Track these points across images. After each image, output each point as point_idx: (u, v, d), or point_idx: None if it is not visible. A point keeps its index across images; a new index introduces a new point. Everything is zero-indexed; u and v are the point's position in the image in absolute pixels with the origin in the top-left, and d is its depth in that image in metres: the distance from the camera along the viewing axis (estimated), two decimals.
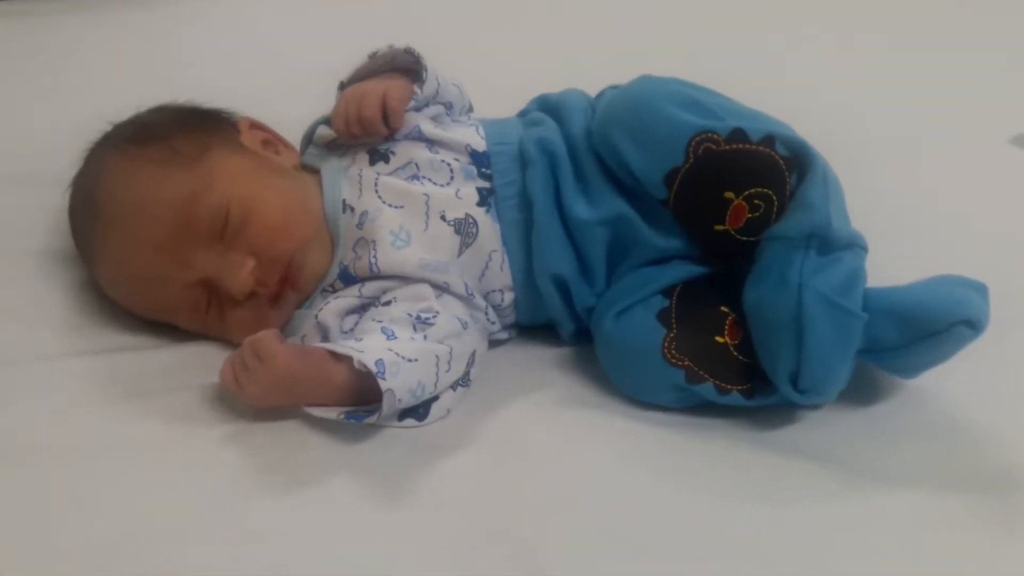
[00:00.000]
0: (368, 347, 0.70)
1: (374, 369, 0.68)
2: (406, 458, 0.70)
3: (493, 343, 0.82)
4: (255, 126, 0.84)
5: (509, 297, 0.81)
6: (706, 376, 0.74)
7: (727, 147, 0.72)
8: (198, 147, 0.77)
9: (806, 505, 0.69)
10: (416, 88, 0.80)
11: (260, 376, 0.69)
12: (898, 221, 0.92)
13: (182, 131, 0.79)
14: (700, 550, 0.65)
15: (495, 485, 0.69)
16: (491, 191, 0.80)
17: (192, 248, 0.75)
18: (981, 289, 0.74)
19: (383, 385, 0.68)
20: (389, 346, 0.71)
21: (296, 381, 0.70)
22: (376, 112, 0.79)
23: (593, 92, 0.87)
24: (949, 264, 0.76)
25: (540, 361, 0.82)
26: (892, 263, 0.79)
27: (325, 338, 0.77)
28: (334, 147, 0.84)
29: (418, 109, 0.82)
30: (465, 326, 0.77)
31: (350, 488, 0.68)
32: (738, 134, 0.73)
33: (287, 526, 0.65)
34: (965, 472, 0.71)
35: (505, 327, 0.82)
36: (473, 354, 0.77)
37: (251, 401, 0.70)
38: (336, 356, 0.70)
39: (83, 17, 1.19)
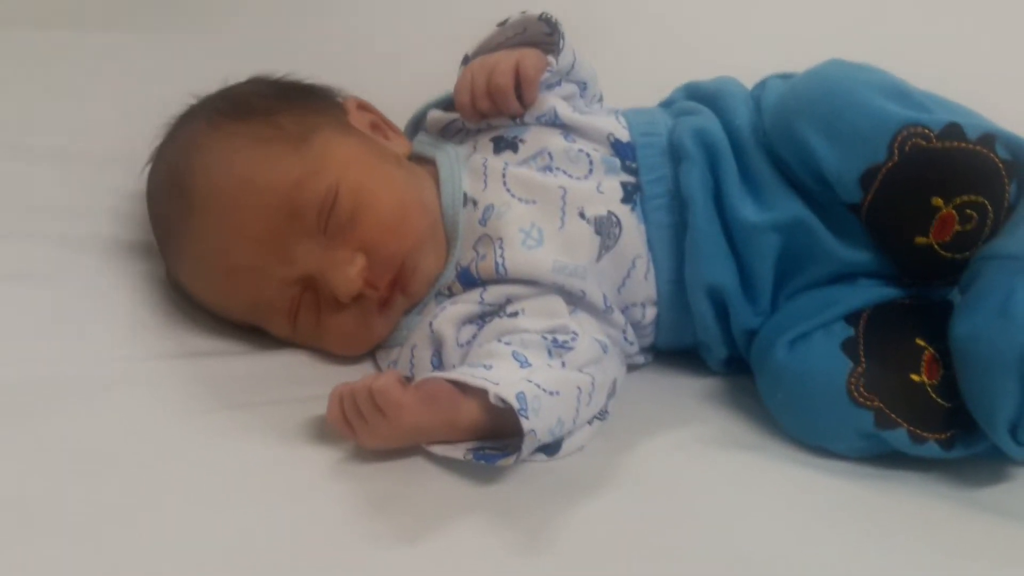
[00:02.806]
0: (503, 378, 0.59)
1: (516, 405, 0.57)
2: (541, 497, 0.59)
3: (628, 368, 0.71)
4: (363, 107, 0.74)
5: (651, 313, 0.69)
6: (899, 421, 0.62)
7: (939, 145, 0.61)
8: (304, 126, 0.67)
9: (1014, 573, 0.57)
10: (551, 59, 0.69)
11: (381, 430, 0.58)
12: None
13: (286, 107, 0.68)
14: None
15: (642, 532, 0.58)
16: (637, 187, 0.69)
17: (294, 240, 0.64)
18: None
19: (526, 425, 0.57)
20: (526, 375, 0.60)
21: (421, 431, 0.59)
22: (509, 80, 0.68)
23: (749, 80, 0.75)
24: None
25: (685, 391, 0.71)
26: None
27: (438, 350, 0.66)
28: (449, 134, 0.73)
29: (551, 86, 0.71)
30: (605, 349, 0.66)
31: (478, 530, 0.56)
32: (953, 130, 0.62)
33: (402, 571, 0.53)
34: None
35: (642, 350, 0.71)
36: (614, 383, 0.66)
37: (364, 447, 0.59)
38: (466, 388, 0.59)
39: None
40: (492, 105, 0.69)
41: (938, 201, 0.62)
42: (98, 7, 0.98)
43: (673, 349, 0.72)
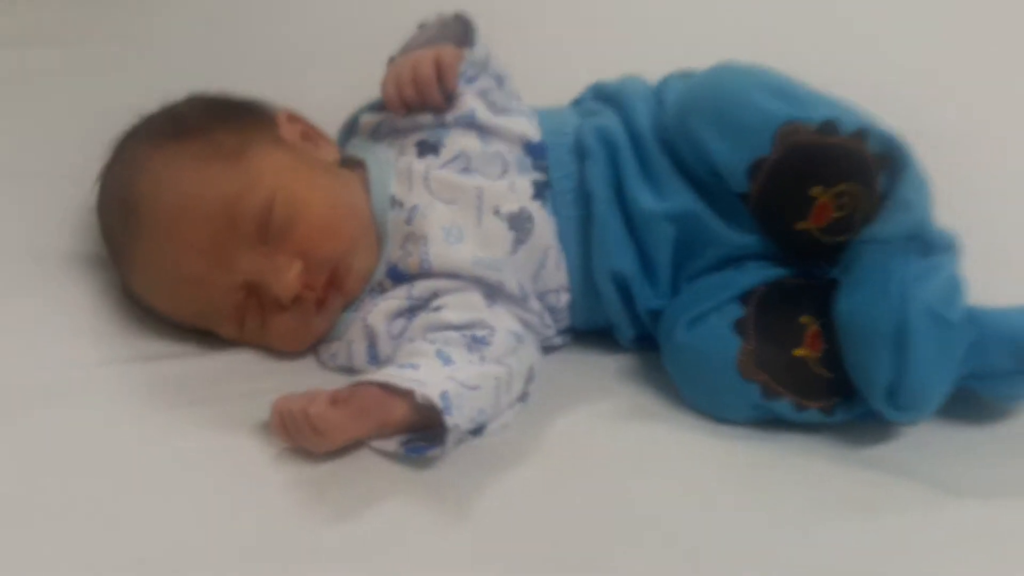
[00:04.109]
0: (428, 378, 0.66)
1: (439, 404, 0.64)
2: (468, 474, 0.66)
3: (548, 349, 0.78)
4: (293, 118, 0.80)
5: (565, 298, 0.76)
6: (784, 392, 0.70)
7: (816, 139, 0.68)
8: (239, 141, 0.73)
9: (887, 521, 0.65)
10: (465, 51, 0.76)
11: (318, 447, 0.65)
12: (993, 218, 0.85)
13: (221, 124, 0.74)
14: (782, 573, 0.61)
15: (562, 503, 0.65)
16: (547, 184, 0.76)
17: (236, 250, 0.71)
18: None
19: (449, 421, 0.64)
20: (449, 373, 0.67)
21: (356, 438, 0.66)
22: (431, 70, 0.75)
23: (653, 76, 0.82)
24: None
25: (599, 369, 0.78)
26: (986, 267, 0.73)
27: (373, 343, 0.73)
28: (379, 136, 0.80)
29: (470, 80, 0.78)
30: (520, 340, 0.73)
31: (411, 507, 0.63)
32: (829, 125, 0.69)
33: (343, 546, 0.60)
34: None
35: (560, 331, 0.78)
36: (531, 369, 0.73)
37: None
38: (394, 389, 0.66)
39: None
40: (417, 95, 0.76)
41: (816, 190, 0.69)
42: (33, 24, 1.04)
43: (588, 329, 0.79)
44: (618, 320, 0.76)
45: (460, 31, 0.79)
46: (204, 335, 0.75)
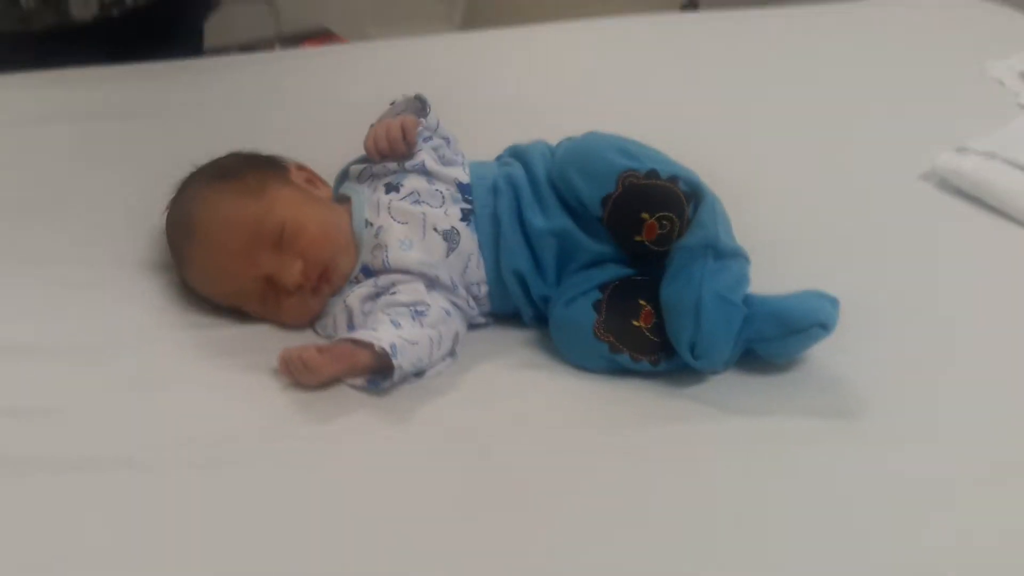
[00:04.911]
0: (382, 335, 0.98)
1: (388, 351, 0.96)
2: (409, 398, 0.98)
3: (474, 327, 1.09)
4: (301, 168, 1.14)
5: (484, 289, 1.08)
6: (624, 349, 1.01)
7: (644, 182, 1.01)
8: (262, 182, 1.07)
9: (691, 427, 0.96)
10: (421, 120, 1.10)
11: (310, 381, 0.97)
12: (780, 241, 1.18)
13: (250, 170, 1.08)
14: (606, 451, 0.93)
15: (470, 412, 0.97)
16: (471, 211, 1.08)
17: (258, 253, 1.03)
18: (835, 301, 1.00)
19: (395, 363, 0.96)
20: (398, 333, 0.98)
21: (335, 376, 0.98)
22: (398, 131, 1.08)
23: (554, 141, 1.16)
24: (815, 278, 1.03)
25: (509, 339, 1.06)
26: (775, 274, 1.06)
27: (350, 318, 1.04)
28: (363, 179, 1.12)
29: (427, 139, 1.11)
30: (449, 314, 1.04)
31: (369, 417, 0.96)
32: (652, 173, 1.00)
33: (324, 434, 0.93)
34: (802, 409, 0.99)
35: (482, 314, 1.09)
36: (456, 335, 1.04)
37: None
38: (360, 343, 0.98)
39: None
40: (388, 148, 1.08)
41: (645, 215, 0.99)
42: (118, 103, 1.41)
43: (503, 313, 1.09)
44: (521, 305, 1.08)
45: (419, 107, 1.13)
46: (236, 312, 1.06)
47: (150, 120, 1.38)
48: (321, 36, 2.55)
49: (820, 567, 0.84)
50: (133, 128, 1.37)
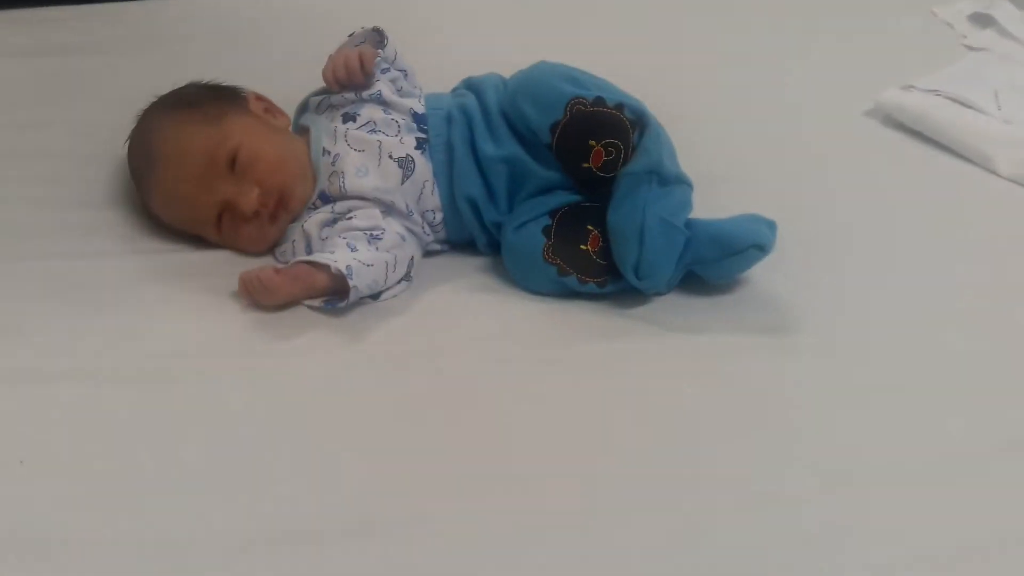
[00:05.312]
0: (339, 258, 1.02)
1: (345, 272, 1.00)
2: (368, 319, 1.03)
3: (431, 253, 1.13)
4: (259, 98, 1.16)
5: (439, 216, 1.11)
6: (571, 271, 1.05)
7: (592, 109, 1.04)
8: (219, 111, 1.09)
9: (629, 344, 1.02)
10: (379, 51, 1.12)
11: (268, 300, 1.01)
12: (724, 171, 1.23)
13: (208, 100, 1.11)
14: (555, 364, 0.99)
15: (423, 328, 1.03)
16: (426, 140, 1.11)
17: (216, 180, 1.06)
18: (772, 224, 1.05)
19: (351, 283, 1.00)
20: (354, 256, 1.02)
21: (293, 296, 1.02)
22: (355, 61, 1.10)
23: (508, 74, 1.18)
24: (758, 205, 1.07)
25: (464, 265, 1.11)
26: (718, 203, 1.10)
27: (308, 243, 1.08)
28: (322, 109, 1.15)
29: (384, 70, 1.13)
30: (404, 239, 1.08)
31: (325, 334, 1.00)
32: (599, 100, 1.04)
33: (282, 349, 0.98)
34: (740, 327, 1.04)
35: (439, 240, 1.13)
36: (411, 259, 1.08)
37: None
38: (317, 265, 1.01)
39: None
40: (346, 77, 1.10)
41: (592, 142, 1.03)
42: (81, 38, 1.42)
43: (458, 241, 1.13)
44: (474, 231, 1.11)
45: (377, 39, 1.15)
46: (195, 238, 1.10)
47: (106, 56, 1.40)
48: None
49: (751, 467, 0.90)
50: (90, 64, 1.38)
